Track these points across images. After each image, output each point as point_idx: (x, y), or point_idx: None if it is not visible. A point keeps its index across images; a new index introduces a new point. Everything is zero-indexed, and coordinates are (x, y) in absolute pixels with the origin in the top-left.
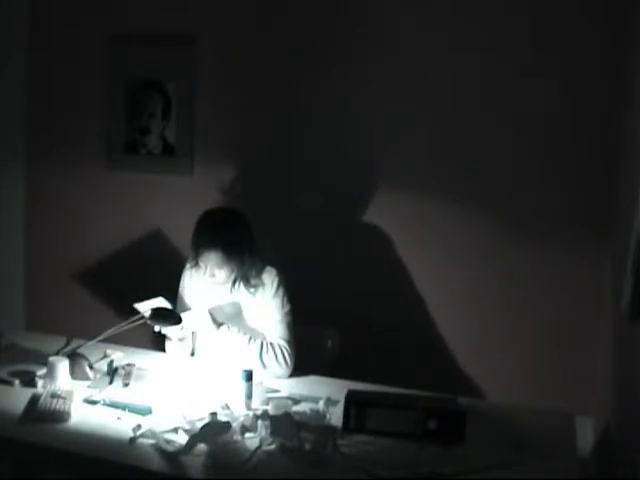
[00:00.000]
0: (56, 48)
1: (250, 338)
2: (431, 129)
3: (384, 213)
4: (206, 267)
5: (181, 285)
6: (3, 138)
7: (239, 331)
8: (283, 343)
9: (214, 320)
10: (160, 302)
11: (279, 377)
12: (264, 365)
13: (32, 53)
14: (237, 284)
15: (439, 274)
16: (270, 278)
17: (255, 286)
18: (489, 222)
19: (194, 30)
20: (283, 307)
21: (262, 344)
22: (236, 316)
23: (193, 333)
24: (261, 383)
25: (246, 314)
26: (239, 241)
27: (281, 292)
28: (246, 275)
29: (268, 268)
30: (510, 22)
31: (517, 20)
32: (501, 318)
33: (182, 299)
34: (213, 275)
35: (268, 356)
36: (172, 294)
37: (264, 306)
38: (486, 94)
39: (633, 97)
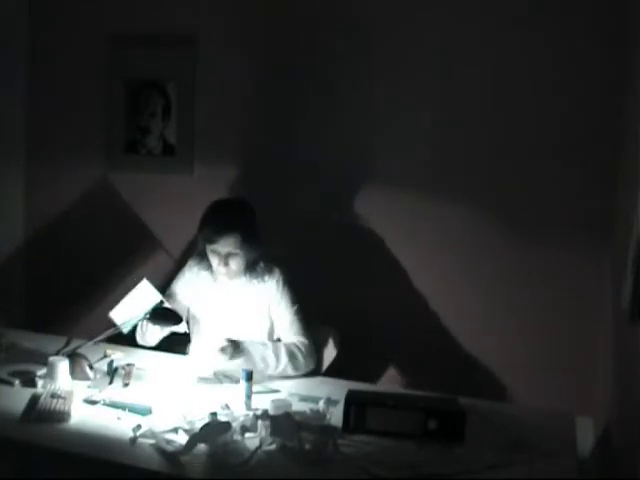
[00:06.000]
0: (56, 48)
1: (273, 346)
2: (431, 129)
3: (384, 213)
4: (220, 257)
5: (178, 283)
6: (3, 138)
7: (259, 344)
8: (302, 339)
9: (234, 346)
10: (145, 286)
11: (306, 372)
12: (294, 366)
13: (32, 53)
14: (246, 275)
15: (439, 274)
16: (274, 278)
17: (262, 275)
18: (489, 222)
19: (194, 30)
20: (292, 305)
21: (287, 347)
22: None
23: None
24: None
25: (250, 310)
26: (254, 225)
27: (287, 291)
28: (255, 265)
29: (271, 268)
30: (510, 21)
31: (517, 19)
32: (501, 318)
33: (175, 297)
34: (227, 264)
35: (295, 356)
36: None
37: (273, 309)
38: (486, 94)
39: (635, 96)
